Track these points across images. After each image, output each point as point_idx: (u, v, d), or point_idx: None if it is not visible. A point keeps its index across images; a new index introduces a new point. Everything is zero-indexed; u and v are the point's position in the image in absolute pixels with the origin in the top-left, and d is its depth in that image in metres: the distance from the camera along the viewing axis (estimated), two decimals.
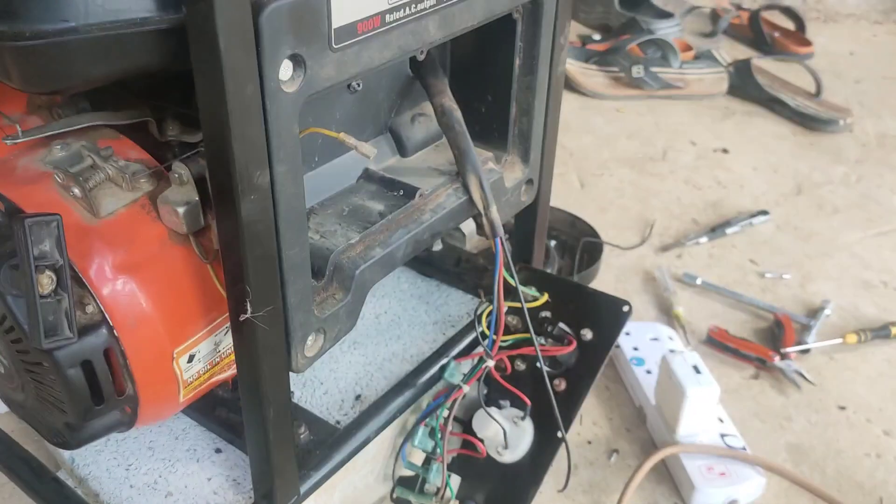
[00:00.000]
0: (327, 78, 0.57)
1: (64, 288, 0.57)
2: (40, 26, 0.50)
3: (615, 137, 1.82)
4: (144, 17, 0.52)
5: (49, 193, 0.63)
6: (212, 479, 0.78)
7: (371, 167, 0.79)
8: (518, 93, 0.83)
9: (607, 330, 0.88)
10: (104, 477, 0.78)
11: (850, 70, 2.16)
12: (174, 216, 0.63)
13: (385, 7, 0.60)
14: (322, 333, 0.67)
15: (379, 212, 0.74)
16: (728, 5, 2.49)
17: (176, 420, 0.83)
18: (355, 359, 0.92)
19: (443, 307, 1.00)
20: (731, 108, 1.95)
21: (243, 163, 0.53)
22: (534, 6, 0.77)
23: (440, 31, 0.66)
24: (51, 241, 0.56)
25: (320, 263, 0.68)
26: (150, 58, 0.54)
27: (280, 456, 0.68)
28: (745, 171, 1.70)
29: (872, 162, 1.75)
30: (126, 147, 0.67)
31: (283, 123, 0.55)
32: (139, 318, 0.62)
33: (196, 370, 0.68)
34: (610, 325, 0.88)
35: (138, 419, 0.67)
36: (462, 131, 0.77)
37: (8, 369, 0.66)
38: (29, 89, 0.56)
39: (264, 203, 0.56)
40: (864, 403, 1.12)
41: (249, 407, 0.65)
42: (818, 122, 1.85)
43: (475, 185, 0.77)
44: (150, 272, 0.63)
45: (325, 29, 0.56)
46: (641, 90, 1.95)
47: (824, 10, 2.59)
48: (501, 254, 0.77)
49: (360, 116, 0.78)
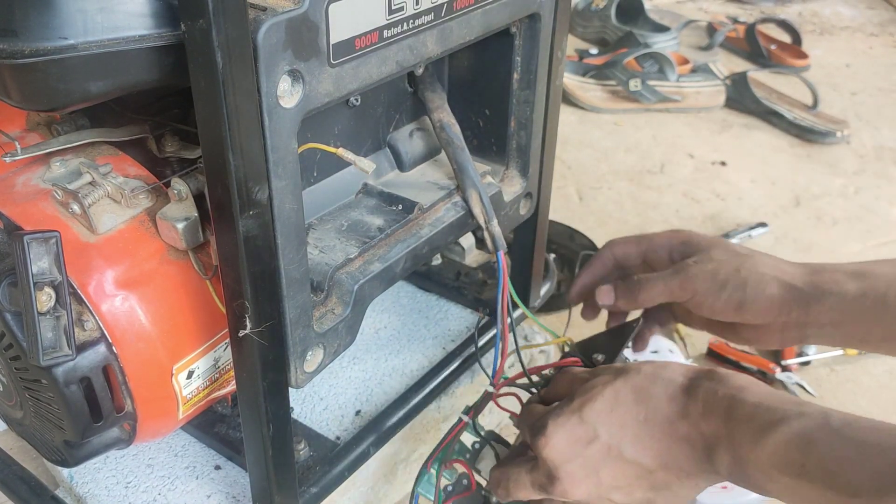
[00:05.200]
0: (326, 93, 0.58)
1: (63, 305, 0.57)
2: (39, 44, 0.50)
3: (613, 151, 1.82)
4: (143, 34, 0.52)
5: (48, 210, 0.63)
6: (211, 496, 0.77)
7: (370, 182, 0.79)
8: (516, 107, 0.83)
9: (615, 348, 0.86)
10: (103, 495, 0.77)
11: (846, 82, 2.17)
12: (173, 232, 0.63)
13: (383, 23, 0.60)
14: (321, 348, 0.67)
15: (378, 226, 0.74)
16: (724, 19, 2.50)
17: (175, 437, 0.83)
18: (355, 374, 0.91)
19: (442, 321, 0.99)
20: (729, 121, 1.95)
21: (242, 178, 0.53)
22: (531, 21, 0.77)
23: (438, 47, 0.67)
24: (49, 258, 0.56)
25: (319, 278, 0.68)
26: (148, 74, 0.54)
27: (280, 472, 0.68)
28: (743, 184, 1.70)
29: (870, 173, 1.75)
30: (125, 163, 0.67)
31: (281, 139, 0.55)
32: (138, 335, 0.62)
33: (195, 386, 0.68)
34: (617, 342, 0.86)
35: (137, 436, 0.67)
36: (461, 146, 0.77)
37: (6, 387, 0.66)
38: (28, 107, 0.56)
39: (263, 218, 0.56)
40: (865, 415, 1.11)
41: (249, 423, 0.65)
42: (815, 134, 1.85)
43: (475, 199, 0.77)
44: (149, 288, 0.63)
45: (324, 44, 0.56)
46: (639, 103, 1.95)
47: (820, 22, 2.60)
48: (505, 268, 0.75)
49: (359, 131, 0.78)
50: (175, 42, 0.53)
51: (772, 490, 0.57)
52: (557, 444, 0.64)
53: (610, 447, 0.62)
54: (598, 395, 0.64)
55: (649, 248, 0.81)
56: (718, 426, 0.58)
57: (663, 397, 0.62)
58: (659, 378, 0.63)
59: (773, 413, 0.56)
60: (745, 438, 0.57)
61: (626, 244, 0.83)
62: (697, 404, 0.60)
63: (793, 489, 0.54)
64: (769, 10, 2.67)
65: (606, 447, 0.62)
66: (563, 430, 0.64)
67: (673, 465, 0.61)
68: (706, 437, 0.59)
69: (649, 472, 0.62)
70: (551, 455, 0.64)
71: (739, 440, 0.57)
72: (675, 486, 0.62)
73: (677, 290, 0.75)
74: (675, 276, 0.75)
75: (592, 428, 0.63)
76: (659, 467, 0.62)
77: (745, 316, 0.73)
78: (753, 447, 0.56)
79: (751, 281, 0.72)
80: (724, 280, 0.73)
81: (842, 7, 2.72)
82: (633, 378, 0.64)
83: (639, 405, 0.62)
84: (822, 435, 0.54)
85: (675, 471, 0.61)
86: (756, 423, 0.57)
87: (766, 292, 0.72)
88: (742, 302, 0.72)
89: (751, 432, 0.56)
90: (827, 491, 0.52)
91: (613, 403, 0.63)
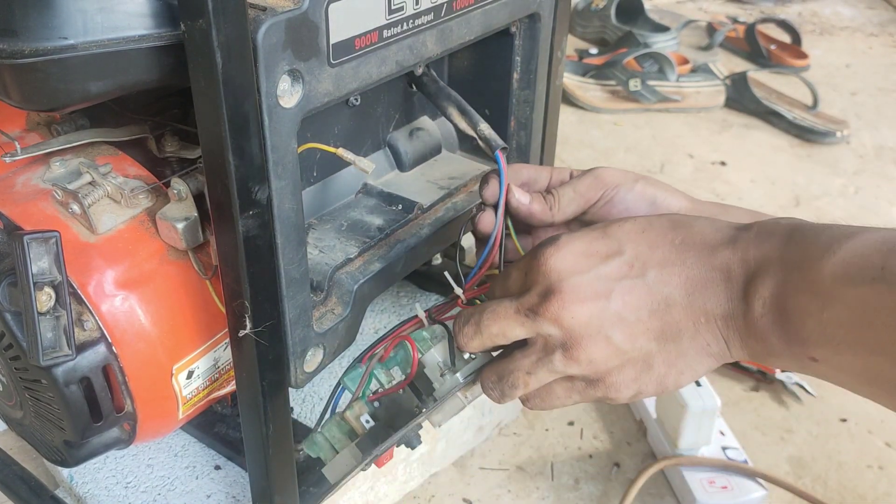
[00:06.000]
0: (325, 93, 0.58)
1: (63, 305, 0.57)
2: (39, 44, 0.50)
3: (613, 151, 1.82)
4: (143, 34, 0.52)
5: (48, 210, 0.63)
6: (211, 497, 0.77)
7: (370, 182, 0.79)
8: (516, 107, 0.83)
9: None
10: (103, 495, 0.77)
11: (846, 82, 2.17)
12: (173, 232, 0.63)
13: (383, 22, 0.60)
14: (321, 348, 0.66)
15: (378, 226, 0.74)
16: (724, 19, 2.50)
17: (175, 437, 0.83)
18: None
19: None
20: (729, 121, 1.95)
21: (242, 178, 0.53)
22: (531, 21, 0.77)
23: (438, 46, 0.67)
24: (49, 258, 0.56)
25: (319, 278, 0.68)
26: (148, 74, 0.54)
27: (280, 472, 0.68)
28: (743, 184, 1.70)
29: (870, 173, 1.75)
30: (125, 163, 0.67)
31: (281, 139, 0.55)
32: (138, 335, 0.62)
33: (195, 386, 0.68)
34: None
35: (137, 436, 0.67)
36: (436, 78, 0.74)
37: (6, 387, 0.66)
38: (28, 107, 0.56)
39: (263, 218, 0.56)
40: (865, 415, 1.11)
41: (249, 423, 0.65)
42: (815, 134, 1.85)
43: (457, 113, 0.73)
44: (149, 288, 0.63)
45: (323, 44, 0.56)
46: (639, 103, 1.95)
47: (820, 22, 2.60)
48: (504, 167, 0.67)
49: (359, 131, 0.78)
50: (175, 42, 0.53)
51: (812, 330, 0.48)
52: (569, 254, 0.54)
53: (633, 265, 0.53)
54: (627, 219, 0.56)
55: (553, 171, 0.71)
56: (772, 248, 0.50)
57: (708, 226, 0.54)
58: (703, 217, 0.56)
59: (849, 228, 0.49)
60: (810, 254, 0.48)
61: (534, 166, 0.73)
62: (751, 232, 0.52)
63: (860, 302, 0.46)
64: (769, 10, 2.67)
65: (629, 265, 0.53)
66: (580, 242, 0.55)
67: (697, 300, 0.52)
68: (750, 263, 0.51)
69: (668, 305, 0.52)
70: (557, 265, 0.54)
71: (799, 258, 0.49)
72: (684, 339, 0.53)
73: (588, 192, 0.66)
74: (582, 177, 0.67)
75: (617, 243, 0.54)
76: (681, 302, 0.52)
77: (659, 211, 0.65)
78: (818, 262, 0.48)
79: (661, 186, 0.66)
80: (635, 178, 0.66)
81: (842, 7, 2.72)
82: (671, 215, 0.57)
83: (676, 230, 0.54)
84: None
85: (695, 312, 0.52)
86: (827, 236, 0.48)
87: (678, 197, 0.66)
88: (655, 199, 0.65)
89: (818, 247, 0.48)
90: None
91: (646, 226, 0.55)
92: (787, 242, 0.50)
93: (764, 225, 0.52)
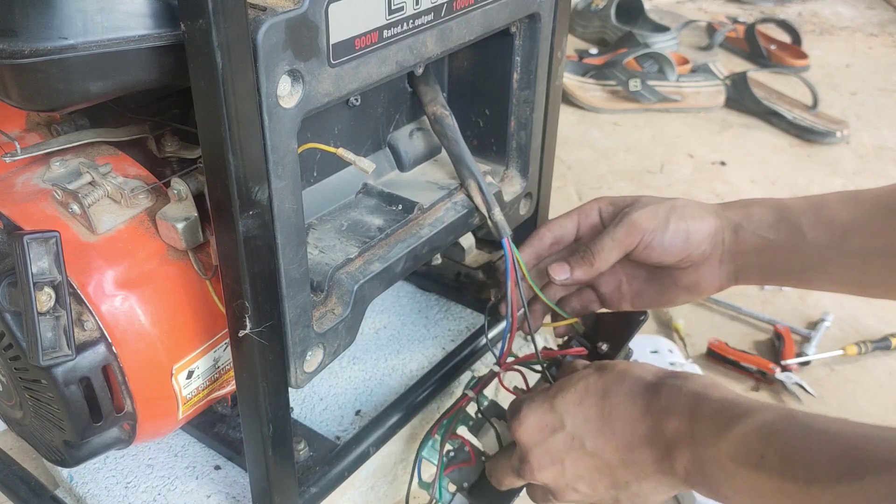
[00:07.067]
0: (325, 93, 0.58)
1: (62, 305, 0.57)
2: (39, 44, 0.50)
3: (613, 151, 1.82)
4: (143, 34, 0.52)
5: (48, 210, 0.63)
6: (211, 497, 0.77)
7: (370, 182, 0.79)
8: (516, 107, 0.83)
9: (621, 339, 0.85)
10: (103, 495, 0.77)
11: (846, 82, 2.17)
12: (173, 232, 0.63)
13: (383, 23, 0.60)
14: (321, 349, 0.67)
15: (378, 226, 0.74)
16: (724, 19, 2.50)
17: (175, 437, 0.83)
18: (355, 374, 0.91)
19: (442, 321, 0.99)
20: (729, 121, 1.96)
21: (242, 179, 0.53)
22: (531, 21, 0.77)
23: (438, 47, 0.67)
24: (49, 258, 0.56)
25: (319, 278, 0.68)
26: (148, 74, 0.54)
27: (279, 472, 0.68)
28: (742, 184, 1.70)
29: (870, 173, 1.75)
30: (125, 163, 0.67)
31: (281, 139, 0.55)
32: (138, 335, 0.62)
33: (195, 386, 0.68)
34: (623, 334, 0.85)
35: (137, 436, 0.67)
36: (455, 138, 0.77)
37: (6, 387, 0.66)
38: (27, 107, 0.56)
39: (263, 219, 0.56)
40: (865, 415, 1.11)
41: (249, 423, 0.65)
42: (815, 134, 1.85)
43: (475, 189, 0.77)
44: (149, 288, 0.63)
45: (323, 45, 0.56)
46: (639, 103, 1.95)
47: (820, 22, 2.61)
48: (510, 254, 0.75)
49: (359, 131, 0.78)
50: (175, 42, 0.53)
51: (727, 492, 0.57)
52: (528, 428, 0.67)
53: (573, 437, 0.64)
54: (570, 387, 0.66)
55: (580, 216, 0.80)
56: (681, 423, 0.59)
57: (628, 394, 0.63)
58: (628, 376, 0.64)
59: (738, 407, 0.57)
60: (708, 433, 0.57)
61: (560, 220, 0.81)
62: (660, 401, 0.61)
63: (750, 483, 0.54)
64: (769, 10, 2.68)
65: (570, 437, 0.65)
66: (533, 416, 0.67)
67: (631, 462, 0.62)
68: (667, 435, 0.60)
69: (610, 467, 0.63)
70: (522, 438, 0.67)
71: (701, 436, 0.57)
72: (633, 486, 0.63)
73: (626, 239, 0.74)
74: (618, 226, 0.75)
75: (560, 417, 0.65)
76: (619, 463, 0.63)
77: (690, 248, 0.74)
78: (715, 440, 0.56)
79: (688, 213, 0.74)
80: (666, 216, 0.74)
81: (842, 7, 2.73)
82: (606, 375, 0.65)
83: (605, 400, 0.64)
84: (784, 425, 0.54)
85: (633, 469, 0.62)
86: (720, 418, 0.57)
87: (705, 219, 0.74)
88: (688, 232, 0.74)
89: (714, 426, 0.57)
90: (784, 482, 0.52)
91: (583, 396, 0.65)
92: (691, 417, 0.59)
93: (671, 393, 0.61)
